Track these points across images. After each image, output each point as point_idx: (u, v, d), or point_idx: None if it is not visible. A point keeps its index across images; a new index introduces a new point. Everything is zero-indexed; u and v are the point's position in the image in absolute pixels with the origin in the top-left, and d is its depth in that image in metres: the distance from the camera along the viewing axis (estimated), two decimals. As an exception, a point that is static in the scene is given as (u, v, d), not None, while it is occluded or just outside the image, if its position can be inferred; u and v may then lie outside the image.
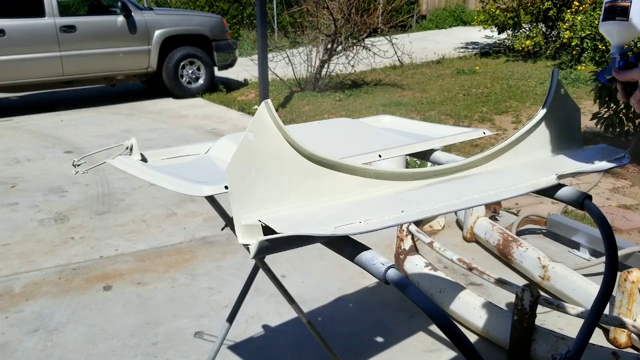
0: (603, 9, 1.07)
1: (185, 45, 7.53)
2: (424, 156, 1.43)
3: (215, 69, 7.84)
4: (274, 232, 0.86)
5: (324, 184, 1.00)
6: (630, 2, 1.03)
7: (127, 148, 1.25)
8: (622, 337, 2.12)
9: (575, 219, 3.17)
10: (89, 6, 7.79)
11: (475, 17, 10.62)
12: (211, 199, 1.28)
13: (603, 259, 2.50)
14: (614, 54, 1.08)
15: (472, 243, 3.07)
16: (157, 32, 7.26)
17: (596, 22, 7.61)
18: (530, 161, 1.27)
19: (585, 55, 7.77)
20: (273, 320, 2.38)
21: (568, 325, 2.24)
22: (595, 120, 4.51)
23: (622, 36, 1.06)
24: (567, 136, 1.35)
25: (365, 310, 2.47)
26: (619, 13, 1.03)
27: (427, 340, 2.22)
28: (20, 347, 2.24)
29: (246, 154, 0.91)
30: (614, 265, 1.26)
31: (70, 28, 6.73)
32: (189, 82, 7.67)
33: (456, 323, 2.21)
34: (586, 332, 1.24)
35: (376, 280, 1.15)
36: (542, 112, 1.29)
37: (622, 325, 1.96)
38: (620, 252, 2.52)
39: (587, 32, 7.59)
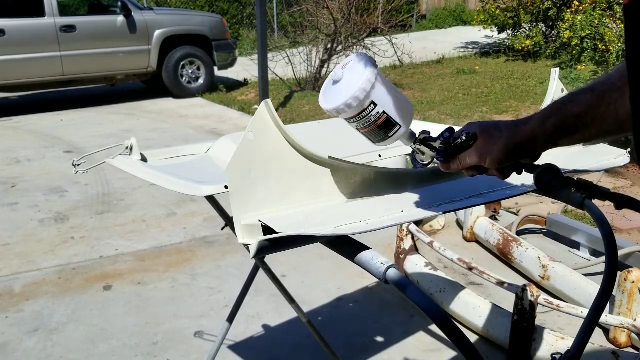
0: (363, 134, 0.90)
1: (185, 45, 7.52)
2: (424, 156, 1.43)
3: (215, 68, 7.83)
4: (274, 232, 0.86)
5: (324, 184, 1.00)
6: (384, 112, 0.86)
7: (127, 148, 1.25)
8: (622, 336, 2.12)
9: (575, 219, 3.17)
10: (89, 6, 7.78)
11: (476, 17, 10.61)
12: (211, 199, 1.28)
13: (603, 258, 2.50)
14: (414, 148, 0.93)
15: (472, 243, 3.07)
16: (157, 32, 7.26)
17: (596, 22, 7.62)
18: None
19: (585, 55, 7.77)
20: (273, 320, 2.38)
21: (568, 325, 2.24)
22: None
23: (404, 137, 0.91)
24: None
25: (365, 310, 2.47)
26: (385, 129, 0.88)
27: (427, 340, 2.22)
28: (21, 347, 2.24)
29: (246, 154, 0.91)
30: (614, 265, 1.25)
31: (70, 28, 6.73)
32: (189, 82, 7.67)
33: (456, 323, 2.21)
34: (586, 331, 1.24)
35: (376, 280, 1.15)
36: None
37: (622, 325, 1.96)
38: (620, 252, 2.52)
39: (587, 32, 7.59)
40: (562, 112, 0.80)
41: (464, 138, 0.86)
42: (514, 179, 1.15)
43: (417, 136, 0.92)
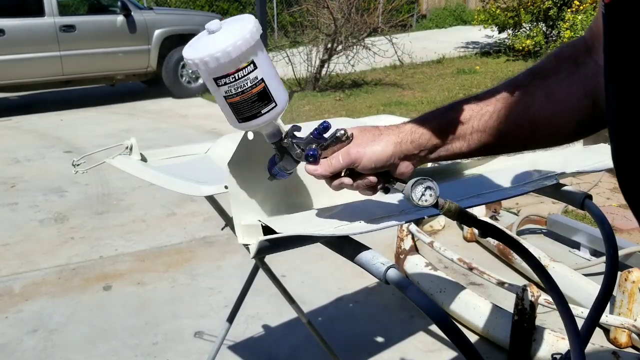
0: (227, 105, 0.76)
1: (185, 44, 7.51)
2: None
3: (215, 68, 7.83)
4: (274, 232, 0.86)
5: (324, 184, 1.00)
6: (262, 79, 0.75)
7: (126, 148, 1.25)
8: (622, 337, 2.12)
9: (575, 219, 3.16)
10: (88, 6, 7.78)
11: (476, 17, 10.61)
12: (211, 199, 1.28)
13: (603, 258, 2.50)
14: (277, 146, 0.82)
15: (472, 243, 3.06)
16: (157, 32, 7.26)
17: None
18: (530, 161, 1.27)
19: (586, 54, 7.76)
20: (273, 320, 2.38)
21: (568, 325, 2.24)
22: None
23: (273, 123, 0.80)
24: (568, 136, 1.34)
25: (366, 310, 2.47)
26: (260, 102, 0.76)
27: (427, 340, 2.22)
28: (20, 347, 2.23)
29: (246, 154, 0.91)
30: (615, 265, 1.25)
31: (70, 28, 6.73)
32: (189, 82, 7.67)
33: (456, 323, 2.21)
34: (587, 332, 1.24)
35: (376, 280, 1.15)
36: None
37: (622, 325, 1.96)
38: (620, 252, 2.51)
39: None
40: (443, 117, 0.78)
41: (338, 134, 0.77)
42: (514, 179, 1.15)
43: (286, 131, 0.82)
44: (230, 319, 1.71)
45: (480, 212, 3.04)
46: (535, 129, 0.73)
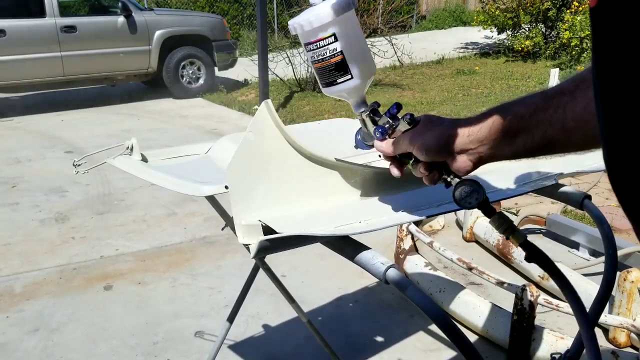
0: (315, 70, 0.84)
1: (185, 45, 7.53)
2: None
3: (216, 69, 7.84)
4: (274, 232, 0.86)
5: (324, 184, 1.00)
6: (341, 52, 0.81)
7: (127, 148, 1.25)
8: (621, 336, 2.13)
9: (574, 219, 3.17)
10: (89, 6, 7.79)
11: (475, 18, 10.62)
12: (211, 199, 1.28)
13: (602, 258, 2.50)
14: (359, 115, 0.88)
15: (471, 243, 3.07)
16: (158, 33, 7.26)
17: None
18: (530, 161, 1.28)
19: (585, 55, 7.77)
20: (273, 320, 2.38)
21: (567, 325, 2.25)
22: (595, 121, 4.51)
23: (354, 94, 0.87)
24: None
25: (366, 310, 2.47)
26: (336, 71, 0.83)
27: (427, 340, 2.23)
28: (21, 347, 2.24)
29: (246, 154, 0.91)
30: (614, 265, 1.26)
31: (70, 28, 6.74)
32: (190, 83, 7.67)
33: (456, 323, 2.22)
34: (586, 332, 1.24)
35: (376, 280, 1.15)
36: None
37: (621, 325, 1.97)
38: (619, 252, 2.52)
39: (587, 32, 7.59)
40: (506, 111, 0.74)
41: (407, 118, 0.80)
42: (514, 179, 1.15)
43: (368, 106, 0.87)
44: (231, 318, 1.72)
45: (480, 212, 3.04)
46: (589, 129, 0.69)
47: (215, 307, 2.49)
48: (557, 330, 2.09)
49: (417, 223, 2.85)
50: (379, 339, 2.27)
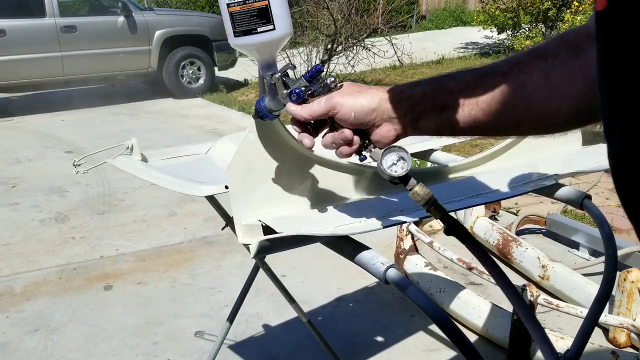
0: (228, 14, 0.76)
1: (185, 45, 7.53)
2: (423, 156, 1.43)
3: (216, 69, 7.84)
4: (274, 232, 0.86)
5: (324, 184, 1.01)
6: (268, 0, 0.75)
7: (127, 148, 1.25)
8: (621, 336, 2.13)
9: (574, 219, 3.17)
10: (89, 6, 7.79)
11: (475, 18, 10.61)
12: (211, 199, 1.28)
13: (602, 258, 2.50)
14: (267, 79, 0.81)
15: (472, 243, 3.06)
16: (158, 33, 7.26)
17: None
18: (530, 161, 1.28)
19: (586, 55, 7.76)
20: (273, 320, 2.38)
21: (567, 324, 2.25)
22: (595, 120, 4.51)
23: (269, 50, 0.80)
24: (567, 136, 1.35)
25: (365, 310, 2.47)
26: (259, 18, 0.76)
27: (427, 340, 2.23)
28: (21, 347, 2.24)
29: (246, 154, 0.91)
30: (614, 265, 1.26)
31: (70, 28, 6.74)
32: (190, 82, 7.67)
33: (456, 323, 2.22)
34: (586, 331, 1.24)
35: (376, 280, 1.15)
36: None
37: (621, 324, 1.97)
38: (619, 252, 2.52)
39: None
40: (438, 83, 0.72)
41: (328, 81, 0.75)
42: (514, 179, 1.15)
43: (280, 68, 0.81)
44: (231, 318, 1.72)
45: (480, 211, 3.05)
46: (529, 110, 0.69)
47: (215, 307, 2.49)
48: (557, 330, 2.09)
49: (417, 223, 2.84)
50: (379, 339, 2.27)
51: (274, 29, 0.76)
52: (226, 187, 0.94)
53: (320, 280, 2.70)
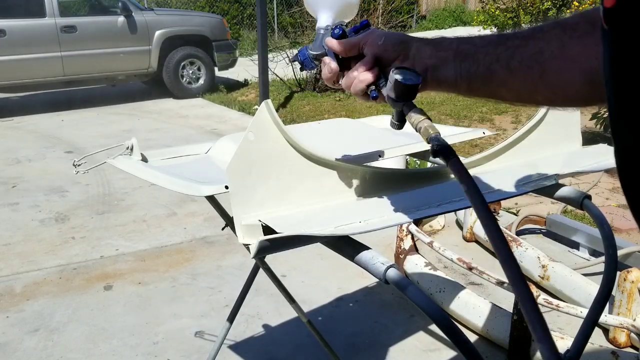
0: None
1: (185, 45, 7.53)
2: (424, 156, 1.43)
3: (216, 69, 7.84)
4: (274, 232, 0.86)
5: (324, 184, 1.01)
6: None
7: (127, 148, 1.25)
8: (621, 336, 2.13)
9: (574, 219, 3.17)
10: (89, 6, 7.79)
11: (475, 18, 10.60)
12: (211, 199, 1.28)
13: (602, 258, 2.50)
14: (319, 29, 0.88)
15: (471, 243, 3.07)
16: (158, 33, 7.26)
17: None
18: (530, 161, 1.28)
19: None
20: (273, 320, 2.38)
21: (568, 324, 2.25)
22: (594, 120, 4.52)
23: (335, 6, 0.88)
24: (567, 136, 1.35)
25: (365, 310, 2.47)
26: None
27: (427, 340, 2.23)
28: (21, 347, 2.24)
29: (246, 154, 0.91)
30: (614, 265, 1.26)
31: (70, 28, 6.74)
32: (190, 83, 7.67)
33: (456, 323, 2.22)
34: (586, 331, 1.24)
35: (376, 280, 1.15)
36: (541, 112, 1.29)
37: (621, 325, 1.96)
38: (619, 252, 2.52)
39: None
40: (465, 38, 0.77)
41: (369, 29, 0.81)
42: (514, 179, 1.15)
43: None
44: (231, 318, 1.72)
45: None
46: (543, 76, 0.71)
47: (215, 307, 2.49)
48: (557, 330, 2.09)
49: (417, 223, 2.85)
50: (379, 339, 2.27)
51: None
52: (226, 187, 0.94)
53: (320, 280, 2.70)
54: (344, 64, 0.82)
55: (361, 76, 0.78)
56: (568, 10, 8.51)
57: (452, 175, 1.19)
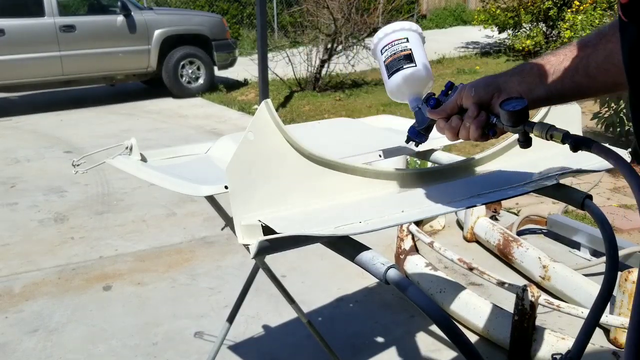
0: (384, 67, 1.04)
1: (185, 44, 7.52)
2: (424, 156, 1.43)
3: (215, 68, 7.83)
4: (274, 232, 0.85)
5: (324, 184, 1.00)
6: (411, 49, 1.03)
7: (126, 148, 1.25)
8: (622, 337, 2.12)
9: (575, 219, 3.16)
10: (88, 6, 7.78)
11: (476, 17, 10.61)
12: (211, 199, 1.27)
13: (603, 259, 2.50)
14: (414, 108, 1.02)
15: (472, 243, 3.06)
16: (157, 32, 7.25)
17: (597, 21, 7.62)
18: (531, 161, 1.27)
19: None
20: (273, 320, 2.38)
21: (568, 325, 2.24)
22: (595, 120, 4.51)
23: (415, 85, 1.02)
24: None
25: (365, 310, 2.46)
26: (405, 60, 1.02)
27: (427, 340, 2.22)
28: (20, 347, 2.23)
29: (246, 154, 0.91)
30: (615, 265, 1.25)
31: (70, 28, 6.73)
32: (189, 82, 7.66)
33: (456, 323, 2.21)
34: (587, 332, 1.24)
35: (376, 280, 1.15)
36: (542, 112, 1.29)
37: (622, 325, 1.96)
38: (620, 252, 2.51)
39: (588, 32, 7.59)
40: (542, 59, 0.86)
41: (456, 87, 0.92)
42: (515, 179, 1.14)
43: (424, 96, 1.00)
44: (230, 319, 1.71)
45: (481, 212, 3.04)
46: (622, 73, 0.75)
47: (215, 308, 2.48)
48: (558, 331, 2.08)
49: (417, 223, 2.84)
50: (379, 339, 2.26)
51: (416, 66, 1.01)
52: (226, 187, 0.94)
53: (320, 281, 2.69)
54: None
55: (474, 125, 0.87)
56: (569, 10, 8.50)
57: (453, 176, 1.18)
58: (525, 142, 0.87)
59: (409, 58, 1.02)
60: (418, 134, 1.02)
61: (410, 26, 1.06)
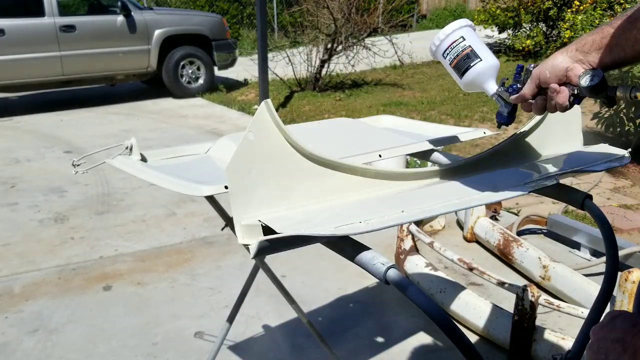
0: (453, 69, 1.12)
1: (185, 45, 7.51)
2: (424, 156, 1.43)
3: (215, 68, 7.83)
4: (274, 232, 0.85)
5: (324, 184, 1.00)
6: (470, 45, 1.11)
7: (126, 148, 1.25)
8: (622, 337, 2.12)
9: (575, 219, 3.16)
10: (88, 6, 7.78)
11: (476, 17, 10.60)
12: (211, 199, 1.27)
13: (604, 259, 2.50)
14: (493, 95, 1.10)
15: (472, 243, 3.06)
16: (157, 32, 7.25)
17: (597, 21, 7.61)
18: (531, 161, 1.27)
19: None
20: (273, 320, 2.38)
21: (569, 325, 2.24)
22: (595, 120, 4.51)
23: (486, 76, 1.11)
24: (568, 136, 1.35)
25: (365, 310, 2.46)
26: (470, 59, 1.10)
27: (427, 340, 2.22)
28: (20, 348, 2.23)
29: (246, 154, 0.91)
30: (615, 265, 1.25)
31: (70, 28, 6.73)
32: (189, 82, 7.66)
33: (456, 323, 2.21)
34: (587, 332, 1.24)
35: (376, 280, 1.15)
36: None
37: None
38: (620, 252, 2.51)
39: (588, 32, 7.58)
40: (602, 31, 0.96)
41: (528, 68, 1.04)
42: (515, 179, 1.14)
43: (497, 86, 1.11)
44: (230, 319, 1.71)
45: (481, 212, 3.04)
46: None
47: (215, 308, 2.48)
48: (558, 331, 2.08)
49: (417, 223, 2.84)
50: (379, 339, 2.26)
51: (480, 60, 1.10)
52: (226, 187, 0.94)
53: (320, 281, 2.69)
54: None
55: (559, 100, 0.99)
56: (569, 10, 8.50)
57: (453, 176, 1.18)
58: (610, 103, 0.97)
59: (473, 55, 1.10)
60: (507, 117, 1.11)
61: (460, 24, 1.12)
